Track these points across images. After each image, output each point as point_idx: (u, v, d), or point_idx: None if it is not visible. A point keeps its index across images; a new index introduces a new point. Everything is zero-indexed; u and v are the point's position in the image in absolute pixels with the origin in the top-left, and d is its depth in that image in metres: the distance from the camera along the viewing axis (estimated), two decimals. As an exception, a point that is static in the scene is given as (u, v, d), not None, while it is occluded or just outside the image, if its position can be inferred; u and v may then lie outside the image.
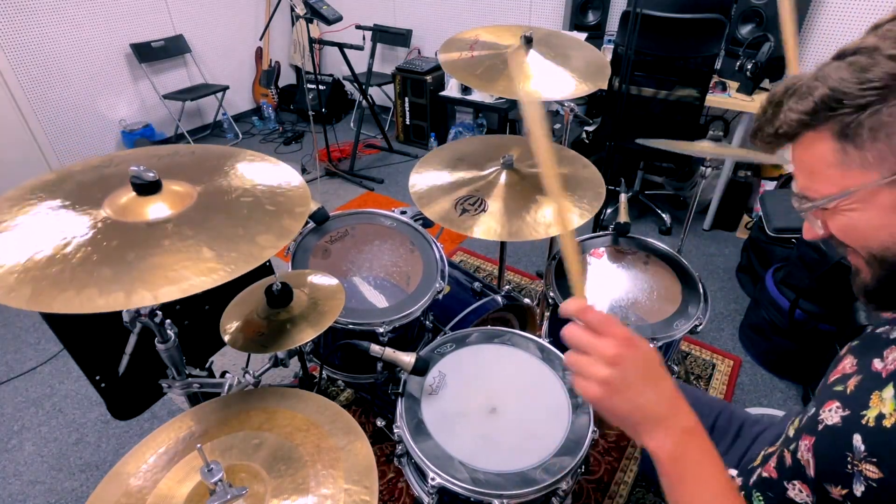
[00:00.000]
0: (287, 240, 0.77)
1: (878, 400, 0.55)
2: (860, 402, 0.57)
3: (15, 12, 2.94)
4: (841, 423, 0.59)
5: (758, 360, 2.01)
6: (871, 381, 0.59)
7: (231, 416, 0.84)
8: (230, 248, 0.72)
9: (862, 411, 0.56)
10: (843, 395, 0.61)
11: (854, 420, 0.57)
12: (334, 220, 1.45)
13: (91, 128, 3.47)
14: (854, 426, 0.56)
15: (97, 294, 0.63)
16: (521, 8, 3.47)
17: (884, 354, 0.60)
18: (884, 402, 0.54)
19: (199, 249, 0.70)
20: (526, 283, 2.48)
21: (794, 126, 0.52)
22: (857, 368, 0.63)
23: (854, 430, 0.56)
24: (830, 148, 0.51)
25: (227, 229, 0.75)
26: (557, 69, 1.41)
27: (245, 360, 1.30)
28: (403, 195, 3.28)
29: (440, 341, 1.15)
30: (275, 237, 0.76)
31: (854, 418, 0.57)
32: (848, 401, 0.60)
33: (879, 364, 0.59)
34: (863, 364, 0.63)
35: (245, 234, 0.75)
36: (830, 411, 0.61)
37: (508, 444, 0.95)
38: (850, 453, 0.55)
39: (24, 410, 1.85)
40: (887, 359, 0.59)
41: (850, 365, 0.65)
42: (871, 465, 0.52)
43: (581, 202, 1.30)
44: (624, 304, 1.31)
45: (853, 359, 0.66)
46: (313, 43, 3.51)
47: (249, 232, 0.75)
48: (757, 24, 2.52)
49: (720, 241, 2.78)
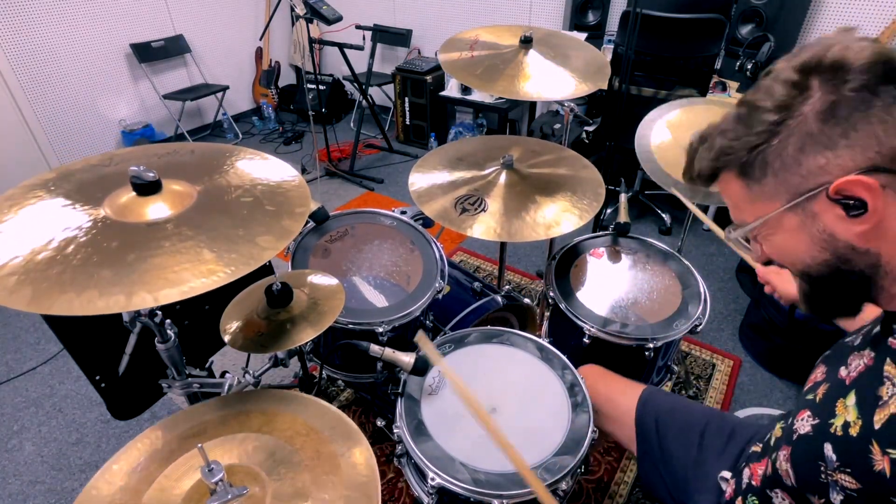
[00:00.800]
0: (287, 241, 0.77)
1: (843, 407, 0.57)
2: (827, 410, 0.60)
3: (15, 12, 2.94)
4: (812, 433, 0.61)
5: (758, 360, 2.01)
6: (836, 389, 0.61)
7: (231, 416, 0.84)
8: (230, 249, 0.72)
9: (829, 419, 0.58)
10: (813, 404, 0.64)
11: (823, 429, 0.59)
12: (334, 219, 1.45)
13: (91, 128, 3.47)
14: (823, 435, 0.58)
15: (97, 296, 0.62)
16: (521, 8, 3.47)
17: (847, 361, 0.62)
18: (847, 409, 0.57)
19: (200, 251, 0.70)
20: (526, 283, 2.48)
21: (707, 170, 0.62)
22: (826, 376, 0.66)
23: (824, 439, 0.58)
24: (738, 184, 0.60)
25: (227, 230, 0.75)
26: (557, 69, 1.41)
27: (245, 360, 1.30)
28: (403, 195, 3.28)
29: (439, 342, 1.15)
30: (275, 238, 0.76)
31: (823, 427, 0.59)
32: (817, 409, 0.62)
33: (844, 371, 0.62)
34: (830, 372, 0.65)
35: (245, 234, 0.75)
36: (803, 420, 0.64)
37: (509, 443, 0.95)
38: (823, 463, 0.57)
39: (24, 410, 1.85)
40: (850, 365, 0.61)
41: (821, 373, 0.68)
42: (846, 475, 0.54)
43: (581, 202, 1.30)
44: (624, 304, 1.31)
45: (824, 367, 0.69)
46: (313, 43, 3.51)
47: (249, 233, 0.75)
48: (757, 24, 2.52)
49: (720, 241, 2.78)
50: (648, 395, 1.05)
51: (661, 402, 1.03)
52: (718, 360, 2.02)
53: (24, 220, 0.72)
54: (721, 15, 2.20)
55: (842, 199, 0.52)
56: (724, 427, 0.96)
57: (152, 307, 0.90)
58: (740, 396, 1.88)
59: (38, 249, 0.67)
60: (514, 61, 1.41)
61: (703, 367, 1.99)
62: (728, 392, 1.88)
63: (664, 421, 1.00)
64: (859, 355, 0.61)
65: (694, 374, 1.96)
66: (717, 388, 1.90)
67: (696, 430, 0.96)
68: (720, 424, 0.97)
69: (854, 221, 0.52)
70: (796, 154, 0.54)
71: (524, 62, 1.41)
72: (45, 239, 0.69)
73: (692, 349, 2.07)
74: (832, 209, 0.53)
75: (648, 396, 1.04)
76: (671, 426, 0.99)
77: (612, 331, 1.23)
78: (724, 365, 2.00)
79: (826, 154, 0.52)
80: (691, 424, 0.98)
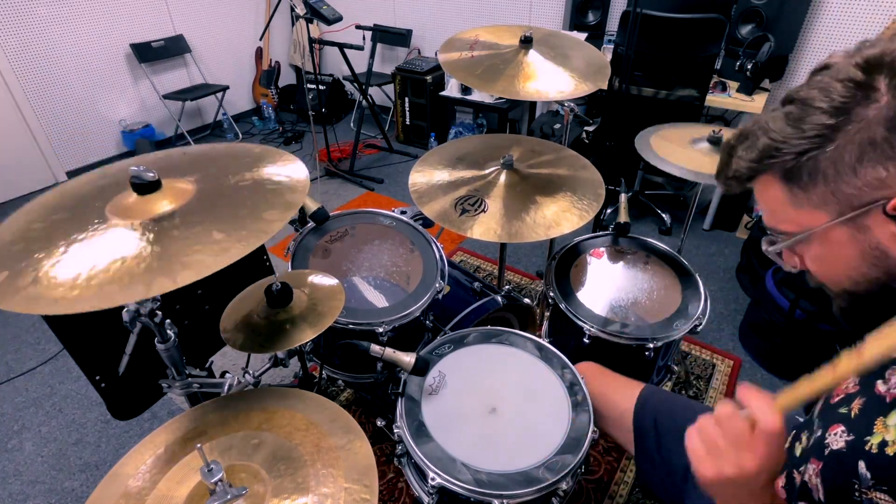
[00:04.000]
0: (292, 212, 0.78)
1: (883, 426, 0.54)
2: (865, 427, 0.56)
3: (15, 13, 2.94)
4: (846, 449, 0.57)
5: (758, 360, 2.01)
6: (875, 406, 0.57)
7: (230, 416, 0.84)
8: (239, 227, 0.73)
9: (866, 437, 0.55)
10: (848, 419, 0.60)
11: (858, 446, 0.55)
12: (334, 219, 1.45)
13: (91, 128, 3.48)
14: (858, 453, 0.55)
15: (117, 290, 0.63)
16: (521, 8, 3.47)
17: (886, 376, 0.58)
18: (888, 428, 0.53)
19: (209, 233, 0.71)
20: (526, 283, 2.48)
21: (745, 171, 0.57)
22: (860, 389, 0.62)
23: (858, 456, 0.55)
24: (780, 189, 0.55)
25: (232, 211, 0.76)
26: (557, 69, 1.41)
27: (245, 360, 1.30)
28: (403, 195, 3.28)
29: (438, 342, 1.15)
30: (279, 211, 0.77)
31: (858, 444, 0.56)
32: (852, 425, 0.58)
33: (883, 387, 0.58)
34: (865, 384, 0.61)
35: (250, 212, 0.76)
36: (836, 435, 0.60)
37: (510, 443, 0.95)
38: (857, 481, 0.54)
39: (24, 410, 1.85)
40: (890, 381, 0.57)
41: (853, 384, 0.64)
42: (882, 493, 0.51)
43: (581, 202, 1.30)
44: (624, 304, 1.31)
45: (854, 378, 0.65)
46: (313, 43, 3.51)
47: (255, 210, 0.77)
48: (757, 25, 2.52)
49: (720, 241, 2.78)
50: (647, 394, 1.03)
51: (659, 402, 1.01)
52: (718, 360, 2.02)
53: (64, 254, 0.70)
54: (721, 15, 2.20)
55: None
56: None
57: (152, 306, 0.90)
58: (740, 396, 1.87)
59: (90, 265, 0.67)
60: (514, 61, 1.41)
61: (703, 367, 1.99)
62: (728, 392, 1.88)
63: (663, 422, 0.98)
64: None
65: (694, 374, 1.96)
66: (717, 388, 1.90)
67: None
68: None
69: None
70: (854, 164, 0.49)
71: (524, 62, 1.41)
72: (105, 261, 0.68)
73: (692, 349, 2.07)
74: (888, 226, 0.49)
75: (647, 396, 1.02)
76: (670, 428, 0.97)
77: (612, 331, 1.23)
78: (724, 365, 2.00)
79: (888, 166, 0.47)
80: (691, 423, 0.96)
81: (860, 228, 0.51)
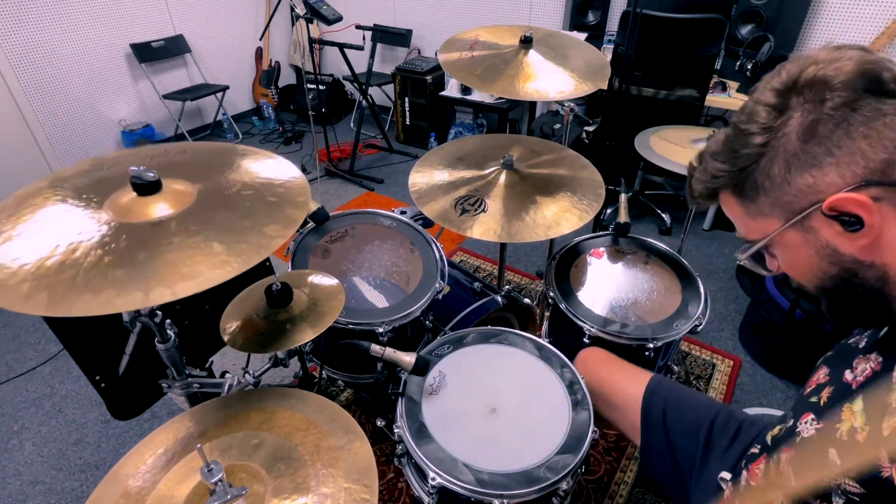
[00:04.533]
0: (293, 228, 0.78)
1: (850, 413, 0.56)
2: (833, 414, 0.59)
3: (15, 13, 2.94)
4: (816, 436, 0.60)
5: (758, 360, 2.01)
6: (842, 393, 0.60)
7: (230, 416, 0.84)
8: (239, 240, 0.73)
9: (835, 424, 0.57)
10: (817, 407, 0.63)
11: (828, 434, 0.58)
12: (334, 220, 1.45)
13: (91, 128, 3.47)
14: (828, 440, 0.57)
15: (115, 295, 0.63)
16: (521, 8, 3.47)
17: (853, 365, 0.61)
18: (855, 415, 0.56)
19: (210, 244, 0.71)
20: (526, 283, 2.48)
21: (704, 191, 0.64)
22: (829, 379, 0.65)
23: (828, 443, 0.57)
24: (736, 202, 0.61)
25: (233, 222, 0.76)
26: (557, 69, 1.41)
27: (245, 360, 1.30)
28: (403, 195, 3.28)
29: (437, 343, 1.15)
30: (281, 227, 0.77)
31: (828, 431, 0.58)
32: (821, 413, 0.61)
33: (850, 375, 0.61)
34: (835, 374, 0.64)
35: (252, 225, 0.76)
36: (806, 423, 0.63)
37: (510, 443, 0.95)
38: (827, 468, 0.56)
39: (24, 410, 1.85)
40: (857, 369, 0.61)
41: (824, 375, 0.67)
42: (850, 479, 0.53)
43: (581, 202, 1.30)
44: (624, 304, 1.31)
45: (826, 369, 0.68)
46: (313, 43, 3.51)
47: (256, 223, 0.76)
48: (757, 25, 2.52)
49: (720, 241, 2.79)
50: (657, 384, 1.02)
51: (669, 392, 1.01)
52: (718, 360, 2.02)
53: (26, 229, 0.72)
54: (721, 15, 2.20)
55: (837, 216, 0.52)
56: (731, 424, 0.95)
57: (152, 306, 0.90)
58: (740, 396, 1.88)
59: (46, 256, 0.67)
60: (514, 61, 1.41)
61: (703, 367, 1.99)
62: (728, 392, 1.88)
63: (672, 414, 0.97)
64: (865, 359, 0.60)
65: (694, 374, 1.96)
66: (716, 388, 1.90)
67: (705, 426, 0.95)
68: (727, 420, 0.95)
69: (853, 236, 0.52)
70: (783, 174, 0.54)
71: (524, 62, 1.41)
72: (51, 245, 0.69)
73: (692, 349, 2.07)
74: (830, 225, 0.53)
75: (657, 385, 1.02)
76: (678, 419, 0.97)
77: (612, 331, 1.23)
78: (724, 365, 2.00)
79: (813, 173, 0.52)
80: (700, 419, 0.96)
81: (808, 230, 0.56)
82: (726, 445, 0.92)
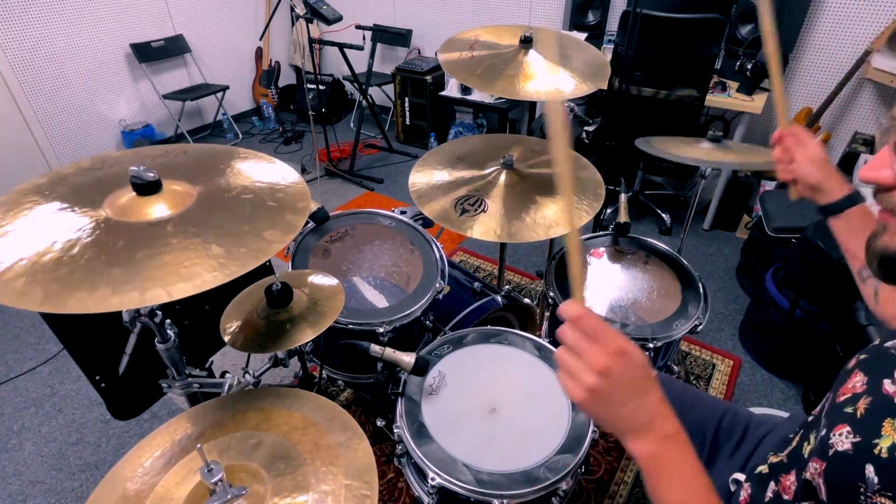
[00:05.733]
0: (292, 234, 0.78)
1: (892, 428, 0.53)
2: (872, 429, 0.55)
3: (15, 13, 2.94)
4: (852, 451, 0.57)
5: (758, 360, 2.01)
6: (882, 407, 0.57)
7: (228, 416, 0.84)
8: (238, 244, 0.73)
9: (874, 440, 0.54)
10: (854, 419, 0.59)
11: (866, 449, 0.55)
12: (334, 220, 1.45)
13: (91, 128, 3.47)
14: (866, 455, 0.54)
15: (111, 293, 0.63)
16: (521, 8, 3.47)
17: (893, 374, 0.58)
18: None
19: (208, 246, 0.71)
20: (526, 283, 2.48)
21: None
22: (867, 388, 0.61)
23: (866, 459, 0.54)
24: None
25: (232, 226, 0.76)
26: (557, 69, 1.41)
27: (245, 360, 1.30)
28: (403, 195, 3.28)
29: (437, 343, 1.15)
30: (280, 232, 0.77)
31: (866, 447, 0.55)
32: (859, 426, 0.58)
33: (891, 387, 0.57)
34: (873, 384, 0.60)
35: (251, 229, 0.76)
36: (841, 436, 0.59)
37: (510, 443, 0.95)
38: (863, 484, 0.53)
39: (24, 410, 1.85)
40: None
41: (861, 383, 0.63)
42: (887, 498, 0.51)
43: (581, 202, 1.30)
44: (624, 304, 1.31)
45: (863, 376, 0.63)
46: (313, 43, 3.51)
47: (255, 228, 0.76)
48: (757, 25, 2.52)
49: (720, 241, 2.78)
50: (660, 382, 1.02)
51: (672, 391, 0.99)
52: (718, 360, 2.02)
53: (23, 225, 0.72)
54: (721, 15, 2.20)
55: None
56: (738, 424, 0.94)
57: (152, 306, 0.90)
58: (740, 396, 1.88)
59: (43, 252, 0.67)
60: (514, 61, 1.41)
61: (703, 367, 1.99)
62: (728, 392, 1.88)
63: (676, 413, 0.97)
64: None
65: (694, 374, 1.96)
66: (716, 388, 1.90)
67: (711, 426, 0.94)
68: (734, 420, 0.95)
69: None
70: None
71: (524, 62, 1.41)
72: (48, 241, 0.69)
73: (692, 349, 2.07)
74: None
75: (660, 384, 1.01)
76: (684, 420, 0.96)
77: (612, 331, 1.23)
78: (724, 365, 2.00)
79: None
80: (705, 419, 0.95)
81: None
82: (734, 446, 0.91)
